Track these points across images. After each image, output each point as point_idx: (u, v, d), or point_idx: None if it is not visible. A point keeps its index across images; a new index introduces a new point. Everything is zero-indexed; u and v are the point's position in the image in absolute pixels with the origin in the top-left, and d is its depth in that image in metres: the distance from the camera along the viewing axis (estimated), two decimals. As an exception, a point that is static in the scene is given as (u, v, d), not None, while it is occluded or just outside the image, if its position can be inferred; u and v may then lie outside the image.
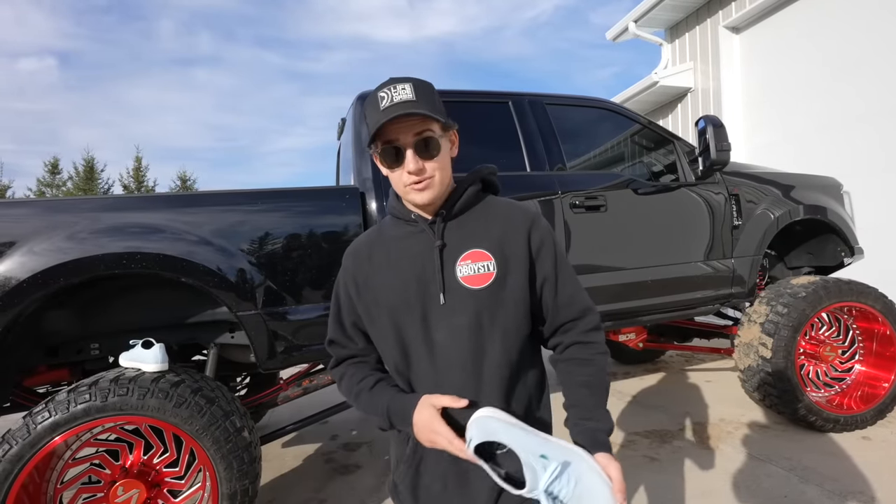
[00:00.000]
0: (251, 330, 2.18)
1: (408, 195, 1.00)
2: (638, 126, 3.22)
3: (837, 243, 3.56)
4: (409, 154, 0.95)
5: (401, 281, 1.01)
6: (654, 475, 2.59)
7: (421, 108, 0.93)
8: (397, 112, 0.92)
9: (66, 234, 1.99)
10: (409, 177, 0.96)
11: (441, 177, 0.98)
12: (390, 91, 0.95)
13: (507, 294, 0.99)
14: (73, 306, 2.20)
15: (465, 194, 1.04)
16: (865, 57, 5.44)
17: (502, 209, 1.06)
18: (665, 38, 8.13)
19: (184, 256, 2.07)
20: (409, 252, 1.03)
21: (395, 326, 1.01)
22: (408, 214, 1.04)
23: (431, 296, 0.99)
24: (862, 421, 3.01)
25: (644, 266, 2.91)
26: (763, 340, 2.98)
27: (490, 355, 0.98)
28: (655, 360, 5.02)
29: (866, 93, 5.43)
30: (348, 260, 1.10)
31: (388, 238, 1.08)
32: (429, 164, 0.96)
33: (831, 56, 5.79)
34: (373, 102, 0.97)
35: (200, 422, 1.94)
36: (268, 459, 3.02)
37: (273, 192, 2.36)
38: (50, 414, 1.82)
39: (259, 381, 3.45)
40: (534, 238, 1.02)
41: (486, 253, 0.99)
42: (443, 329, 0.98)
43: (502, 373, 0.98)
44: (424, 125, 0.95)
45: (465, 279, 0.98)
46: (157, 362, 2.03)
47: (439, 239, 1.01)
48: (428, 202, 0.99)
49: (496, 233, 1.02)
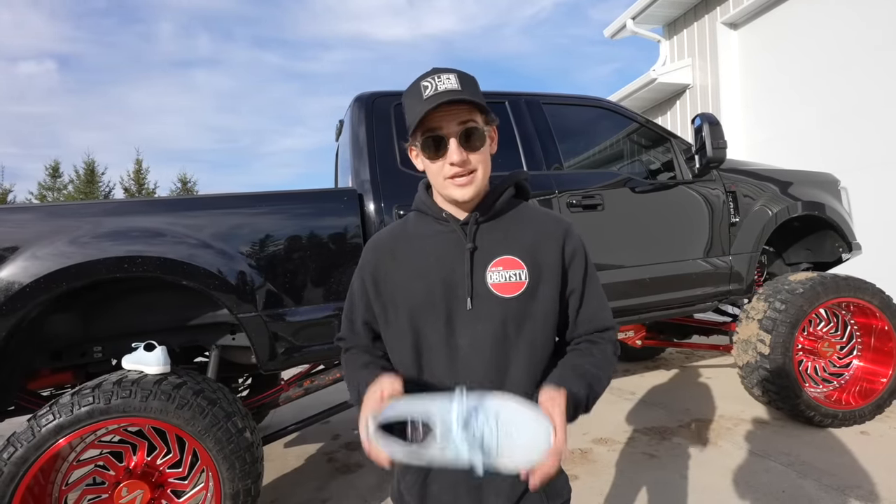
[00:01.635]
0: (252, 332, 2.20)
1: (447, 189, 0.95)
2: (635, 125, 3.23)
3: (835, 239, 3.57)
4: (452, 144, 0.91)
5: (426, 282, 0.96)
6: (654, 472, 2.61)
7: (466, 96, 0.90)
8: (443, 99, 0.89)
9: (68, 239, 2.02)
10: (452, 168, 0.92)
11: (483, 172, 0.95)
12: (434, 80, 0.91)
13: (538, 306, 0.95)
14: (76, 310, 2.22)
15: (500, 198, 1.00)
16: (863, 52, 5.44)
17: (536, 216, 1.03)
18: (663, 34, 8.13)
19: (184, 260, 2.10)
20: (437, 252, 0.98)
21: (414, 329, 0.96)
22: (439, 212, 1.00)
23: (458, 300, 0.95)
24: (860, 416, 3.02)
25: (643, 264, 2.92)
26: (761, 337, 2.99)
27: (514, 369, 0.94)
28: (655, 357, 5.04)
29: (864, 88, 5.43)
30: (369, 254, 1.05)
31: (414, 235, 1.02)
32: (473, 156, 0.92)
33: (829, 52, 5.79)
34: (414, 92, 0.93)
35: (203, 423, 1.96)
36: (270, 459, 3.04)
37: (272, 195, 2.38)
38: (54, 417, 1.84)
39: (260, 381, 3.48)
40: (567, 249, 0.99)
41: (519, 261, 0.96)
42: (467, 335, 0.94)
43: (524, 386, 0.93)
44: (470, 115, 0.92)
45: (495, 286, 0.94)
46: (159, 364, 2.05)
47: (471, 241, 0.96)
48: (469, 198, 0.95)
49: (529, 240, 0.98)
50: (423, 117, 0.90)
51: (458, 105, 0.91)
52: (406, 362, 0.98)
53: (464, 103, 0.91)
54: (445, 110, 0.90)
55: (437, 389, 0.91)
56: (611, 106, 3.20)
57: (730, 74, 7.04)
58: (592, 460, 2.79)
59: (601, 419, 3.35)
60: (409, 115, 0.96)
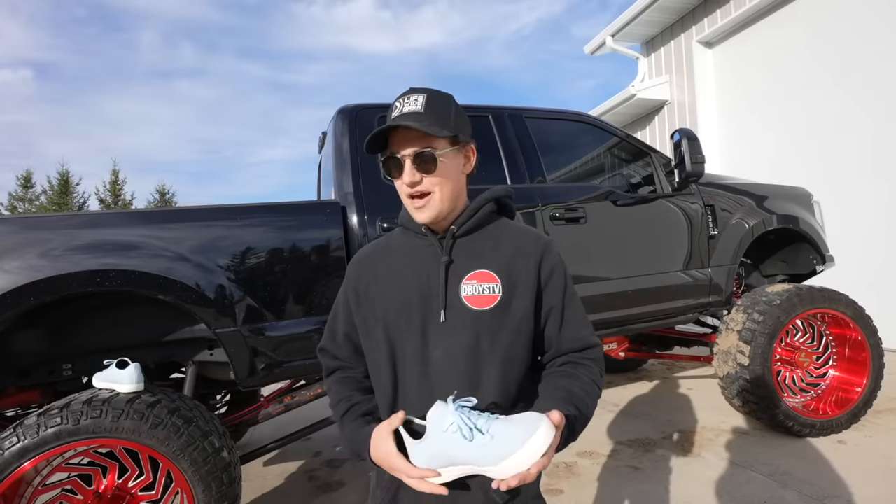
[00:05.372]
0: (230, 347, 2.15)
1: (410, 209, 0.99)
2: (616, 139, 3.29)
3: (810, 251, 3.67)
4: (407, 165, 0.95)
5: (402, 294, 0.98)
6: (638, 485, 2.61)
7: (423, 122, 0.92)
8: (398, 123, 0.93)
9: (38, 252, 1.95)
10: (407, 188, 0.96)
11: (442, 194, 0.96)
12: (403, 101, 0.96)
13: (511, 319, 0.95)
14: (46, 326, 2.14)
15: (478, 213, 1.01)
16: (835, 70, 5.66)
17: (514, 233, 1.04)
18: (641, 51, 8.35)
19: (161, 273, 2.04)
20: (415, 265, 1.00)
21: (389, 342, 0.98)
22: (418, 227, 1.02)
23: (433, 312, 0.96)
24: (837, 425, 3.08)
25: (625, 276, 2.95)
26: (741, 348, 3.04)
27: (486, 382, 0.93)
28: (637, 368, 5.08)
29: (836, 105, 5.64)
30: (353, 268, 1.08)
31: (397, 249, 1.05)
32: (427, 178, 0.95)
33: (801, 70, 6.01)
34: (390, 110, 0.98)
35: (178, 443, 1.89)
36: (249, 479, 2.95)
37: (253, 207, 2.34)
38: (18, 439, 1.75)
39: (239, 398, 3.39)
40: (544, 267, 0.99)
41: (493, 275, 0.96)
42: (440, 347, 0.95)
43: (498, 401, 0.93)
44: (426, 140, 0.94)
45: (468, 299, 0.95)
46: (132, 382, 1.97)
47: (446, 255, 0.98)
48: (428, 221, 0.98)
49: (506, 256, 0.99)
50: (384, 137, 0.95)
51: (412, 131, 0.94)
52: (382, 374, 0.99)
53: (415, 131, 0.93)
54: (402, 133, 0.94)
55: (411, 402, 0.95)
56: (592, 120, 3.25)
57: (705, 91, 7.25)
58: (577, 474, 2.77)
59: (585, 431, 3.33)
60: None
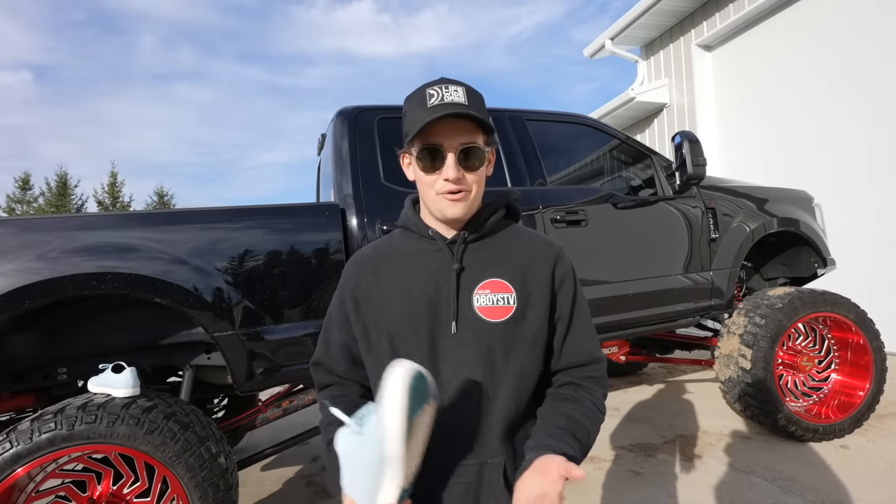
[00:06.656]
0: (228, 351, 2.12)
1: (438, 204, 0.91)
2: (616, 141, 3.27)
3: (811, 254, 3.65)
4: (450, 159, 0.88)
5: (409, 302, 0.91)
6: (639, 490, 2.58)
7: (473, 112, 0.87)
8: (448, 111, 0.85)
9: (35, 254, 1.92)
10: (445, 185, 0.88)
11: (477, 193, 0.91)
12: (441, 90, 0.87)
13: (526, 332, 0.90)
14: (41, 329, 2.11)
15: (492, 217, 0.96)
16: (829, 75, 5.66)
17: (526, 238, 0.99)
18: (640, 55, 8.36)
19: (157, 276, 2.01)
20: (422, 271, 0.93)
21: (394, 353, 0.90)
22: (425, 229, 0.95)
23: (442, 323, 0.90)
24: (840, 430, 3.06)
25: (626, 279, 2.93)
26: (742, 352, 3.02)
27: (500, 399, 0.89)
28: (638, 372, 5.05)
29: (830, 110, 5.65)
30: (350, 271, 1.00)
31: (399, 252, 0.97)
32: (469, 175, 0.89)
33: (797, 74, 6.02)
34: (418, 99, 0.89)
35: (174, 448, 1.86)
36: (246, 485, 2.92)
37: (251, 209, 2.32)
38: (11, 445, 1.72)
39: (237, 402, 3.35)
40: (557, 273, 0.95)
41: (507, 284, 0.91)
42: (451, 362, 0.89)
43: (509, 418, 0.89)
44: (472, 134, 0.89)
45: (481, 310, 0.90)
46: (127, 387, 1.95)
47: (458, 262, 0.92)
48: (460, 216, 0.91)
49: (519, 263, 0.94)
50: (425, 127, 0.86)
51: (463, 120, 0.87)
52: None
53: (469, 119, 0.88)
54: (450, 124, 0.87)
55: None
56: (593, 123, 3.24)
57: (704, 94, 7.26)
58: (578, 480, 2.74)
59: (586, 436, 3.31)
60: (408, 121, 0.91)
